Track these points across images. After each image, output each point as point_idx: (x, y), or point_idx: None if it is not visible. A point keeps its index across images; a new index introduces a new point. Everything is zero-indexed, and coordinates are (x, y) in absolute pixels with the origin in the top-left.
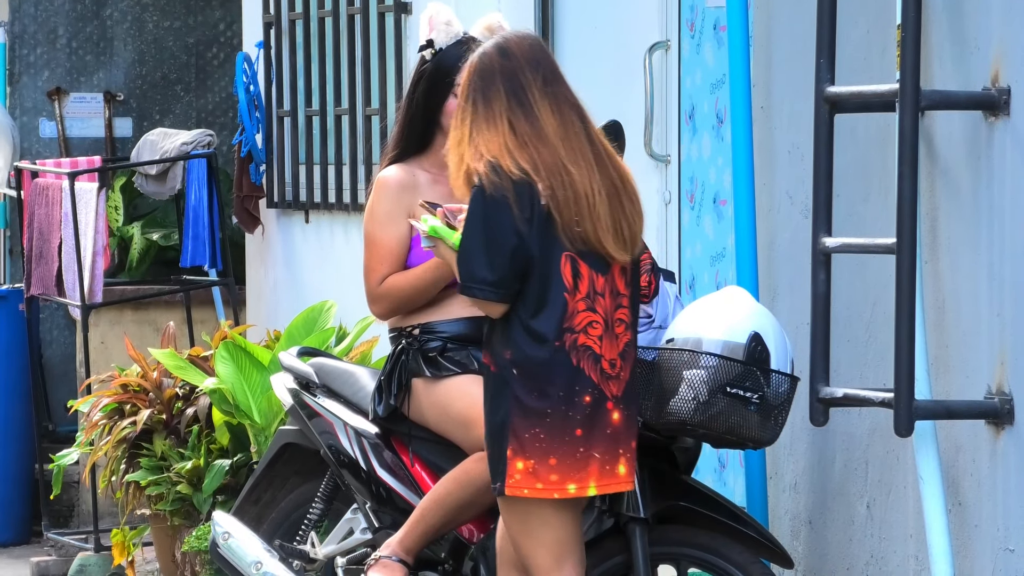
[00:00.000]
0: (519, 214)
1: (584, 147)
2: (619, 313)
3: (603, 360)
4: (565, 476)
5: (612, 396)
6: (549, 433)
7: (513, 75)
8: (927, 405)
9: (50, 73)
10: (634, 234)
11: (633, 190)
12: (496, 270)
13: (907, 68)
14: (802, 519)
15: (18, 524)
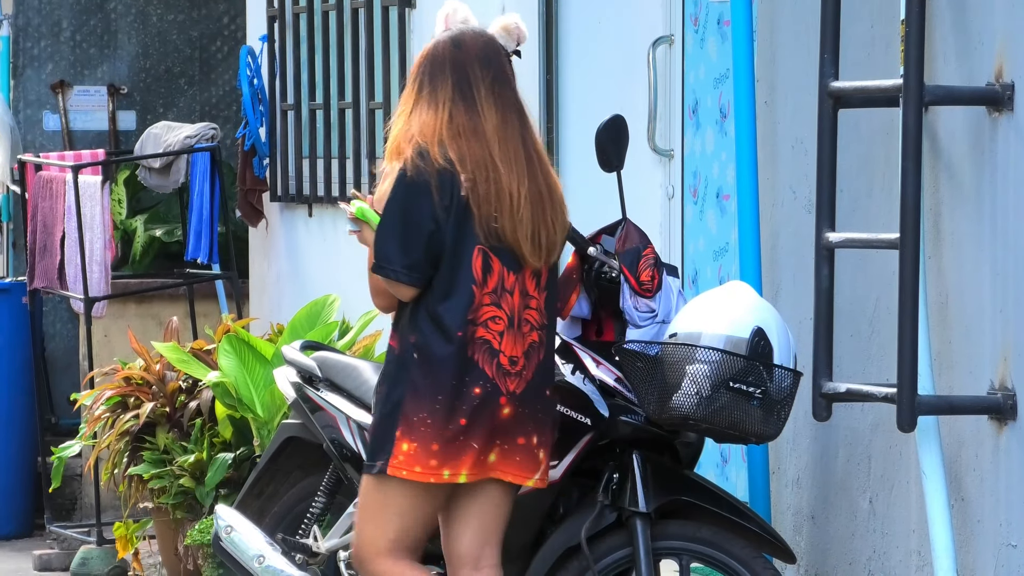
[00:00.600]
0: (439, 201)
1: (519, 150)
2: (527, 313)
3: (501, 355)
4: (443, 463)
5: (508, 392)
6: (435, 419)
7: (463, 68)
8: (930, 400)
9: (54, 66)
10: (552, 243)
11: (560, 201)
12: (410, 253)
13: (911, 63)
14: (804, 514)
15: (21, 517)
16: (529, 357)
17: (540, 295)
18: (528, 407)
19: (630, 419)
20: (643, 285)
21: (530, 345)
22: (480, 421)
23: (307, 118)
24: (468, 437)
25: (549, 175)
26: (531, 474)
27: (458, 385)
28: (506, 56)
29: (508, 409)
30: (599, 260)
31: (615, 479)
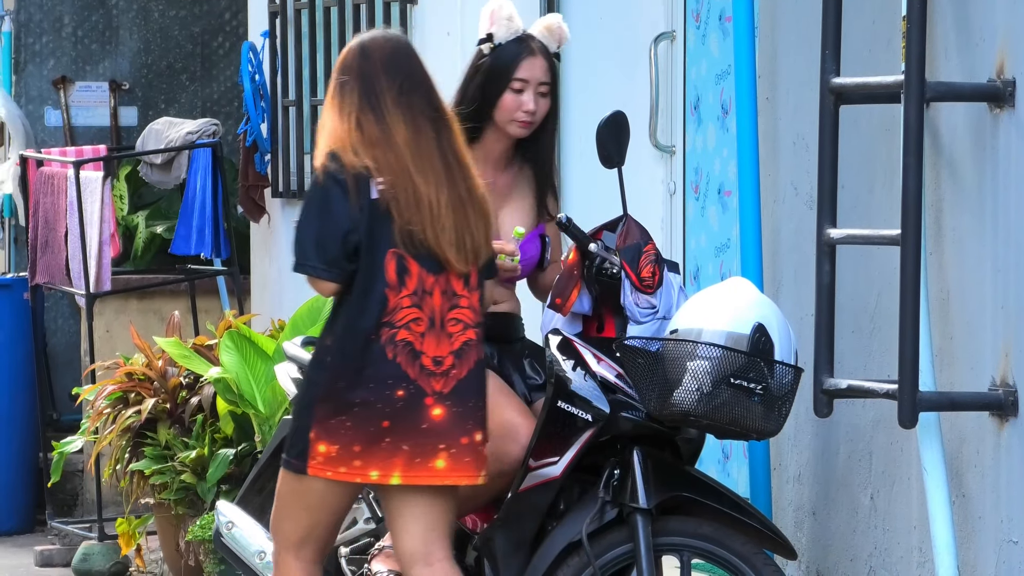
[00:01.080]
0: (353, 202)
1: (434, 158)
2: (455, 313)
3: (424, 356)
4: (368, 463)
5: (434, 392)
6: (355, 422)
7: (368, 78)
8: (931, 396)
9: (56, 62)
10: (477, 246)
11: (482, 203)
12: (327, 250)
13: (912, 59)
14: (806, 510)
15: (22, 512)
16: (462, 355)
17: (472, 294)
18: (463, 406)
19: (631, 415)
20: (644, 281)
21: (463, 344)
22: (406, 423)
23: (308, 114)
24: (395, 439)
25: (470, 179)
26: (478, 472)
27: (377, 387)
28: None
29: (439, 410)
30: (600, 256)
31: (616, 475)
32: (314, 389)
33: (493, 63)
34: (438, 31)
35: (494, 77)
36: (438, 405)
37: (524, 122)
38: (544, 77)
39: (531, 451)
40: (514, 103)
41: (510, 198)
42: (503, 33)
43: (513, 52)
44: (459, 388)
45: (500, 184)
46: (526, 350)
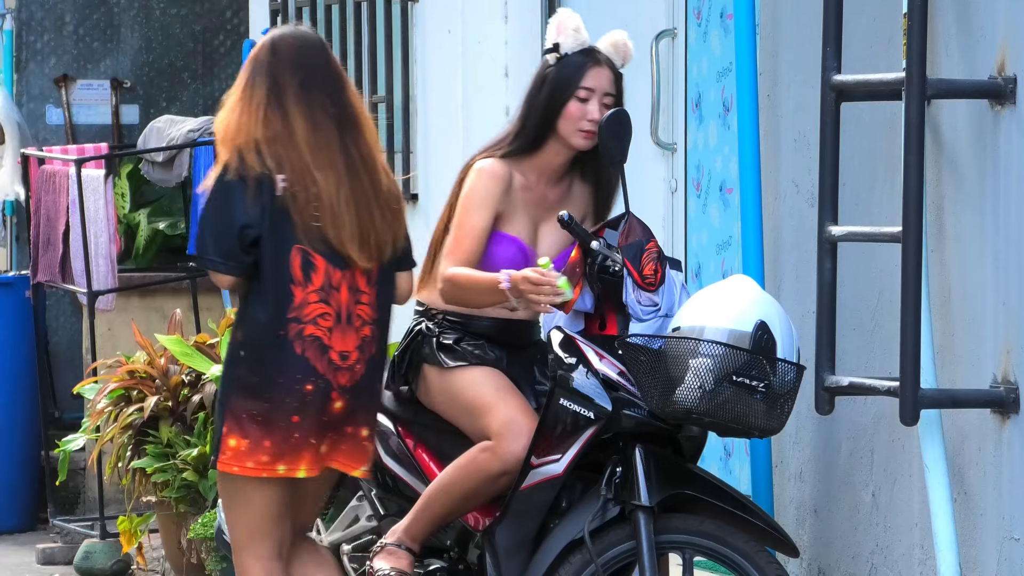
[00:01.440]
0: (252, 200)
1: (335, 156)
2: (358, 309)
3: (332, 351)
4: (277, 458)
5: (339, 386)
6: (266, 416)
7: (274, 74)
8: (932, 394)
9: (57, 60)
10: (381, 243)
11: (391, 201)
12: (223, 243)
13: (913, 57)
14: (807, 508)
15: (24, 511)
16: (362, 351)
17: (372, 290)
18: (358, 400)
19: (633, 413)
20: (646, 279)
21: (363, 339)
22: (313, 417)
23: None
24: (304, 433)
25: (376, 176)
26: (360, 464)
27: (287, 382)
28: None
29: (340, 403)
30: (602, 254)
31: (618, 473)
32: (227, 383)
33: (559, 72)
34: (439, 29)
35: (560, 86)
36: (341, 398)
37: (588, 132)
38: (610, 88)
39: (533, 449)
40: (579, 112)
41: (555, 211)
42: (570, 43)
43: (579, 62)
44: (359, 383)
45: (550, 198)
46: (539, 355)
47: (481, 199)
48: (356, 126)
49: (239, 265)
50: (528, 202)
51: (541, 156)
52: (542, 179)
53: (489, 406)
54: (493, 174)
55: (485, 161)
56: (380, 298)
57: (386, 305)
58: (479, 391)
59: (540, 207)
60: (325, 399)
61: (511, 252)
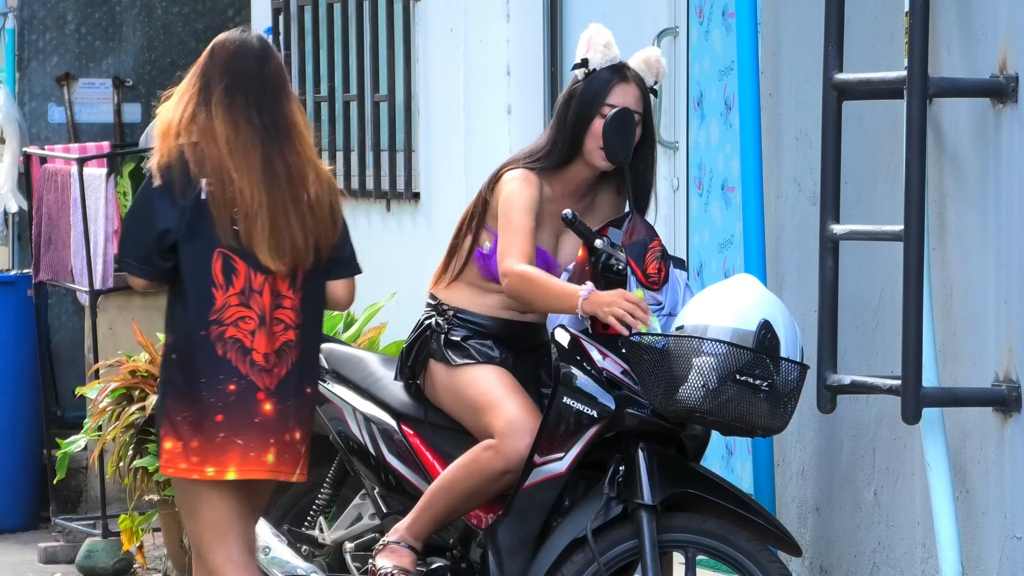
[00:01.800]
0: (173, 204)
1: (254, 162)
2: (279, 313)
3: (254, 353)
4: (205, 459)
5: (264, 388)
6: (193, 417)
7: (207, 75)
8: (934, 392)
9: (59, 59)
10: (297, 249)
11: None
12: (140, 247)
13: (915, 55)
14: (809, 506)
15: (26, 510)
16: (282, 355)
17: (295, 295)
18: (286, 403)
19: (636, 412)
20: (650, 278)
21: (283, 344)
22: (239, 418)
23: (312, 110)
24: (229, 434)
25: (298, 186)
26: (296, 469)
27: (210, 383)
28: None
29: (269, 405)
30: (606, 253)
31: (621, 472)
32: (161, 387)
33: (586, 88)
34: (441, 28)
35: (586, 102)
36: (268, 400)
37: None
38: (636, 106)
39: (536, 447)
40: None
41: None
42: (599, 59)
43: (606, 78)
44: (281, 386)
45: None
46: (544, 356)
47: (527, 202)
48: (284, 135)
49: (154, 269)
50: (552, 213)
51: (568, 173)
52: (567, 194)
53: (493, 404)
54: (532, 180)
55: (521, 170)
56: (305, 304)
57: (313, 311)
58: (484, 389)
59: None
60: (250, 399)
61: (534, 261)
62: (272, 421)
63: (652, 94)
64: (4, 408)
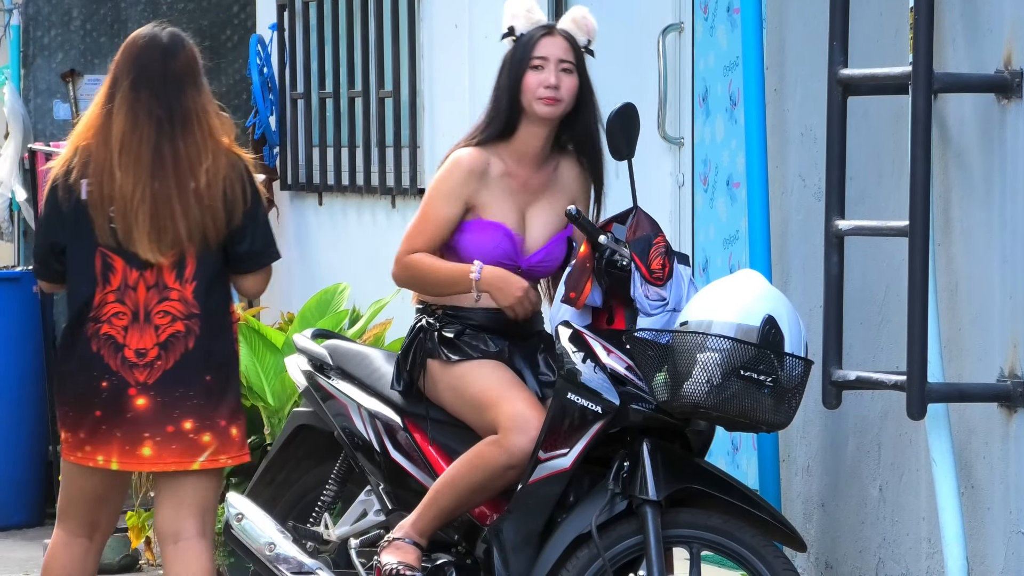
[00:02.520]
0: (59, 210)
1: (143, 154)
2: (163, 306)
3: (127, 349)
4: (95, 449)
5: (136, 383)
6: (76, 411)
7: (117, 73)
8: (940, 388)
9: (64, 55)
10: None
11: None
12: (39, 252)
13: (920, 51)
14: (815, 502)
15: (31, 506)
16: (169, 347)
17: (185, 286)
18: (172, 395)
19: (641, 407)
20: (654, 273)
21: (170, 336)
22: (114, 412)
23: (317, 107)
24: (109, 427)
25: (185, 174)
26: (195, 457)
27: (87, 379)
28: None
29: (143, 400)
30: (610, 248)
31: (626, 467)
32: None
33: (514, 50)
34: (446, 23)
35: (516, 61)
36: (141, 395)
37: (547, 98)
38: (564, 55)
39: (541, 443)
40: (535, 80)
41: (542, 197)
42: (523, 24)
43: (532, 34)
44: (165, 378)
45: (534, 183)
46: (542, 344)
47: (448, 190)
48: (182, 124)
49: (51, 272)
50: (512, 189)
51: (518, 140)
52: (523, 164)
53: (495, 400)
54: (461, 164)
55: (463, 150)
56: (199, 294)
57: (212, 301)
58: (484, 385)
59: (525, 193)
60: (122, 395)
61: (496, 238)
62: (146, 416)
63: (589, 53)
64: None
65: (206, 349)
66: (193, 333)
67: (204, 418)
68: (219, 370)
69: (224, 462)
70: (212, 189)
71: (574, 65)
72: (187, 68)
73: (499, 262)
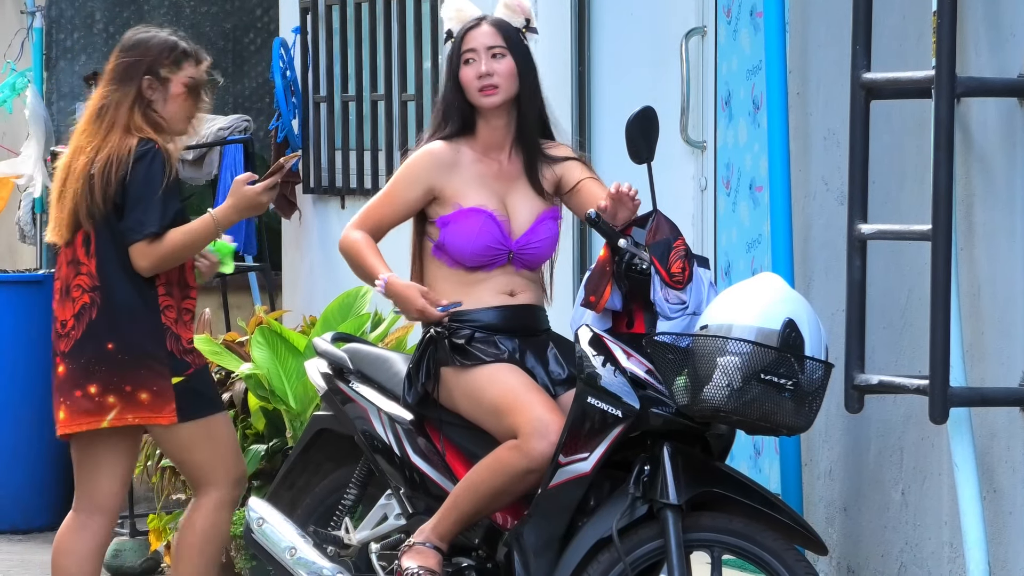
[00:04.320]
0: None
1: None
2: (78, 280)
3: (56, 322)
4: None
5: (60, 352)
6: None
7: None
8: (962, 392)
9: (87, 58)
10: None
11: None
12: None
13: (943, 55)
14: (837, 506)
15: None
16: (79, 318)
17: (90, 261)
18: (79, 362)
19: (661, 411)
20: (674, 277)
21: (81, 307)
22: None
23: (340, 110)
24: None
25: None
26: (101, 418)
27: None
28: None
29: (62, 367)
30: (630, 252)
31: (646, 471)
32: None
33: (450, 51)
34: None
35: (450, 60)
36: (61, 363)
37: (485, 88)
38: (490, 41)
39: (561, 447)
40: (470, 73)
41: (520, 181)
42: (455, 24)
43: (460, 31)
44: (75, 347)
45: (509, 170)
46: (551, 342)
47: (413, 174)
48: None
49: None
50: (486, 175)
51: (481, 134)
52: (492, 154)
53: (514, 405)
54: (430, 152)
55: (431, 143)
56: (100, 267)
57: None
58: (501, 390)
59: (501, 180)
60: (55, 366)
61: (480, 221)
62: (63, 381)
63: (532, 32)
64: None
65: (108, 320)
66: (96, 304)
67: (108, 383)
68: (122, 339)
69: (132, 420)
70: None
71: (506, 48)
72: (114, 60)
73: (488, 246)
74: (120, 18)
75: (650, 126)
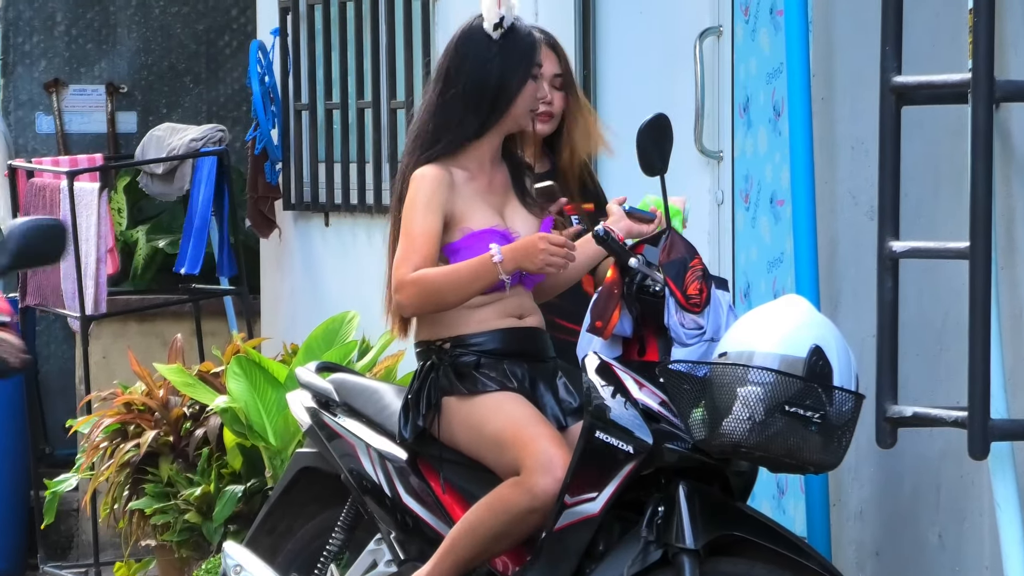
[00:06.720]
0: None
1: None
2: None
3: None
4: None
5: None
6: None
7: None
8: (1004, 425)
9: (47, 63)
10: None
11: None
12: None
13: (980, 56)
14: (868, 550)
15: (12, 556)
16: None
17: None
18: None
19: (676, 446)
20: (690, 299)
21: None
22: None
23: (323, 119)
24: None
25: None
26: None
27: None
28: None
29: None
30: (641, 272)
31: (660, 512)
32: None
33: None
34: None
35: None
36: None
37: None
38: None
39: (567, 486)
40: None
41: (510, 194)
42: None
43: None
44: None
45: (498, 182)
46: (559, 370)
47: (426, 200)
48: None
49: None
50: (481, 191)
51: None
52: (483, 168)
53: (517, 437)
54: (428, 175)
55: (421, 169)
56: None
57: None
58: (505, 421)
59: (494, 193)
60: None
61: (495, 240)
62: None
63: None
64: None
65: None
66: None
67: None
68: None
69: None
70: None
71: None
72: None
73: None
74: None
75: (663, 135)
